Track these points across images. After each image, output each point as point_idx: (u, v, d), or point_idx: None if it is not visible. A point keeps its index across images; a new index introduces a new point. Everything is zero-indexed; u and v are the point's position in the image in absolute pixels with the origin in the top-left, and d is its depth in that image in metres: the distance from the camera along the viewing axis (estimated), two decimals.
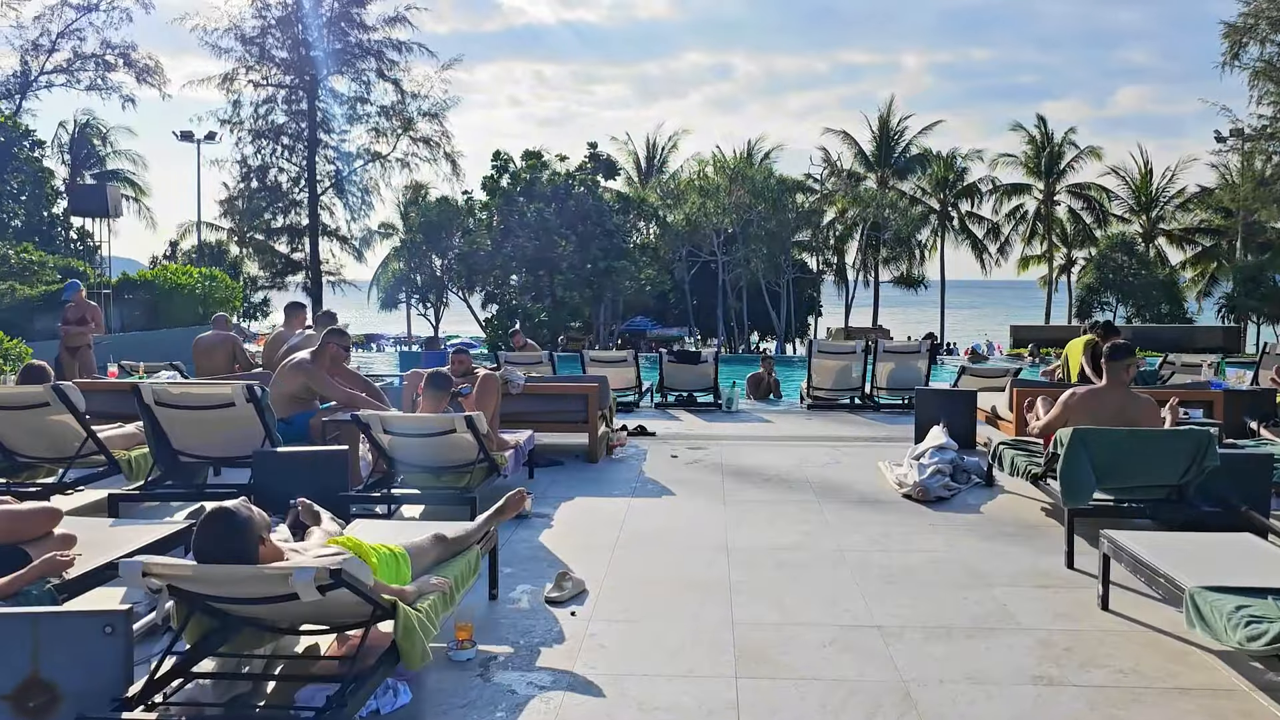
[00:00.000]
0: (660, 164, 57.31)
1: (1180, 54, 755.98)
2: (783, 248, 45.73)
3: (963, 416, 9.23)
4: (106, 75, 48.46)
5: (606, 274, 32.46)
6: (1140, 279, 43.23)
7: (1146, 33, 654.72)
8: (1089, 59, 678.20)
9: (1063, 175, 54.34)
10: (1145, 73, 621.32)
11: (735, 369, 23.36)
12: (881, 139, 54.55)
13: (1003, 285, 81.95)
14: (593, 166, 34.39)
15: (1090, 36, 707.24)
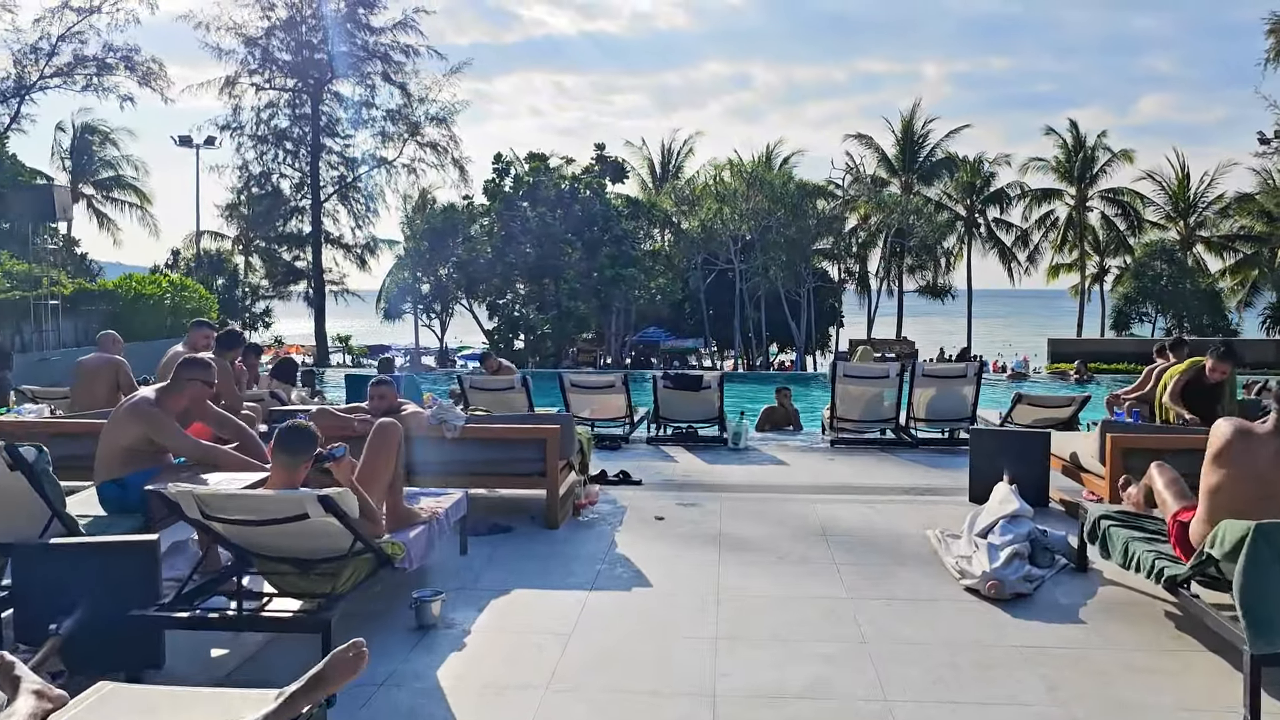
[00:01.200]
0: (675, 169, 55.37)
1: (1202, 61, 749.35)
2: (803, 255, 43.63)
3: (1033, 465, 7.19)
4: (103, 76, 47.22)
5: (614, 283, 30.48)
6: (1181, 288, 40.82)
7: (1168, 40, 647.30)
8: (1110, 66, 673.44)
9: (1095, 180, 52.06)
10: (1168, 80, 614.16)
11: (748, 391, 21.35)
12: (905, 143, 52.39)
13: (1028, 295, 79.54)
14: (600, 169, 32.43)
15: (1111, 43, 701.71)
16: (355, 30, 48.50)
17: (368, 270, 48.95)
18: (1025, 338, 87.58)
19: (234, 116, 47.50)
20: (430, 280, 39.00)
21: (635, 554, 5.96)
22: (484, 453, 6.66)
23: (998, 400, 15.80)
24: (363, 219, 49.03)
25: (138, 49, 47.04)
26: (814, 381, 25.62)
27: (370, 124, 49.06)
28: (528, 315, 30.67)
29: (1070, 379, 22.05)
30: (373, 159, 49.35)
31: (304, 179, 48.39)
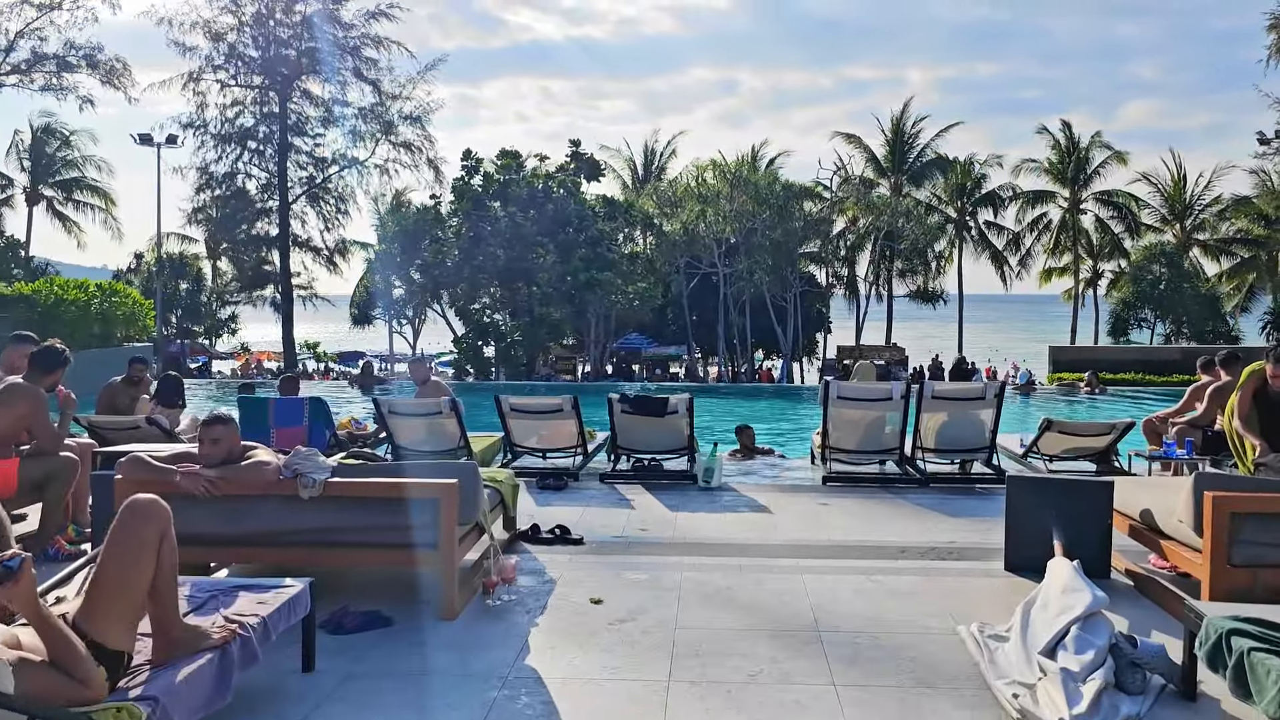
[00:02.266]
0: (658, 171, 53.68)
1: (1187, 67, 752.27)
2: (789, 259, 41.94)
3: (1091, 526, 5.48)
4: (62, 75, 45.30)
5: (589, 287, 28.66)
6: (1181, 293, 39.32)
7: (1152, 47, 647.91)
8: (1096, 73, 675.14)
9: (1089, 182, 50.62)
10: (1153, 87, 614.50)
11: (728, 407, 19.58)
12: (895, 143, 50.85)
13: (1016, 300, 78.20)
14: (575, 168, 30.61)
15: (1097, 50, 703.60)
16: (325, 25, 46.73)
17: (338, 274, 47.08)
18: (1017, 344, 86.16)
19: (198, 114, 45.60)
20: (403, 284, 37.17)
21: (551, 669, 4.21)
22: (355, 516, 4.89)
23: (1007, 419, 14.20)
24: (332, 221, 47.17)
25: (101, 47, 45.44)
26: (801, 397, 23.86)
27: (341, 122, 47.35)
28: (498, 322, 28.83)
29: (1080, 391, 20.35)
30: (343, 159, 47.55)
31: (270, 179, 46.47)
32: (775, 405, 21.38)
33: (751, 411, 20.52)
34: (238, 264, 47.37)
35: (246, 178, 46.77)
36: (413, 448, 9.03)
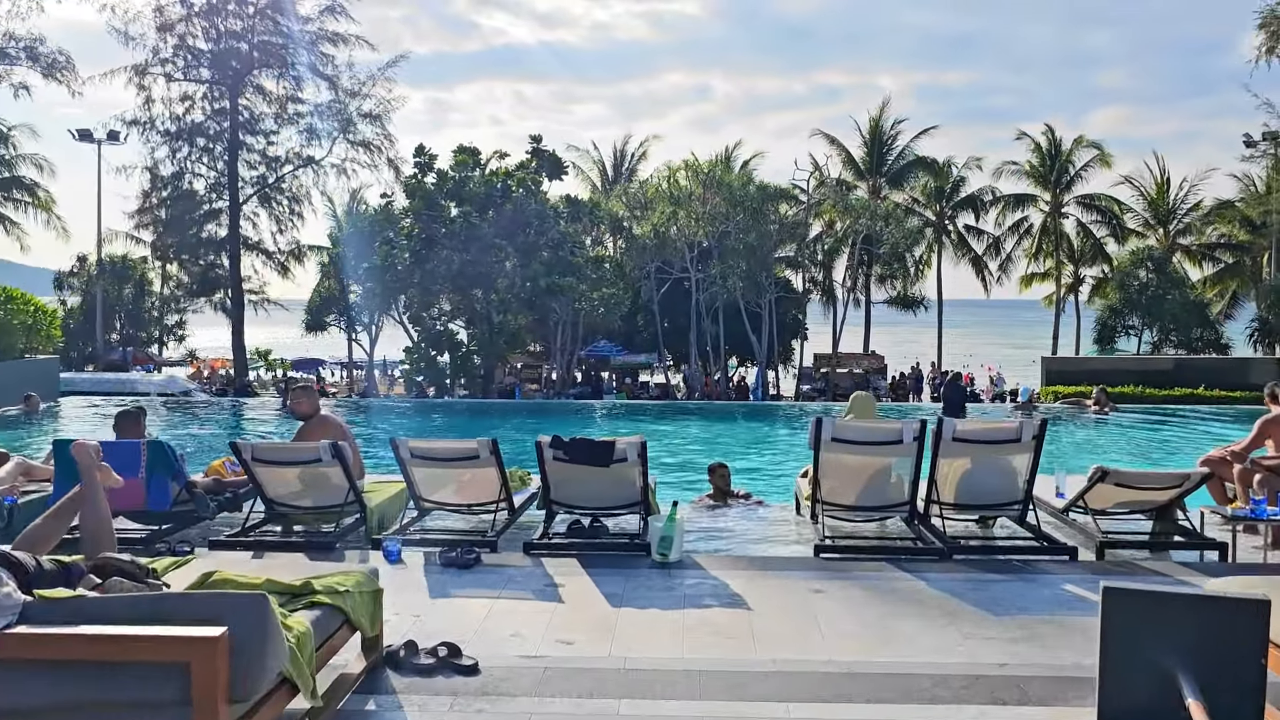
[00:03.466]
0: (629, 173, 51.82)
1: (1153, 75, 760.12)
2: (764, 263, 40.15)
3: (1233, 663, 3.60)
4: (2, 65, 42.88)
5: (550, 292, 26.66)
6: (1170, 299, 37.84)
7: (1121, 55, 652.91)
8: (1065, 80, 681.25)
9: (1070, 185, 49.24)
10: (1120, 94, 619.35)
11: (694, 430, 17.61)
12: (873, 144, 49.23)
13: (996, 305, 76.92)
14: (536, 165, 28.61)
15: (1066, 58, 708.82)
16: (280, 18, 44.52)
17: (291, 278, 44.79)
18: (995, 350, 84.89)
19: (144, 109, 43.22)
20: (358, 289, 35.04)
21: None
22: (46, 692, 2.92)
23: None
24: (286, 223, 44.97)
25: (43, 39, 43.10)
26: (778, 417, 21.96)
27: (296, 120, 45.11)
28: (453, 330, 26.77)
29: (1088, 410, 18.54)
30: (298, 158, 45.34)
31: (220, 179, 44.16)
32: (751, 428, 19.48)
33: (726, 433, 18.67)
34: (185, 268, 44.99)
35: (195, 177, 44.51)
36: (287, 502, 7.04)
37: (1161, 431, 17.16)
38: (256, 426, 20.90)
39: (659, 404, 22.93)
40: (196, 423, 20.10)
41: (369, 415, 22.23)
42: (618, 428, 19.61)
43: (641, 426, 19.18)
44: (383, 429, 19.12)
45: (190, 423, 20.05)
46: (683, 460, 14.02)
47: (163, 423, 19.60)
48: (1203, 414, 19.51)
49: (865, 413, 7.76)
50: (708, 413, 21.47)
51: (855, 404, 7.88)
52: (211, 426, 19.44)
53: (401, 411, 22.98)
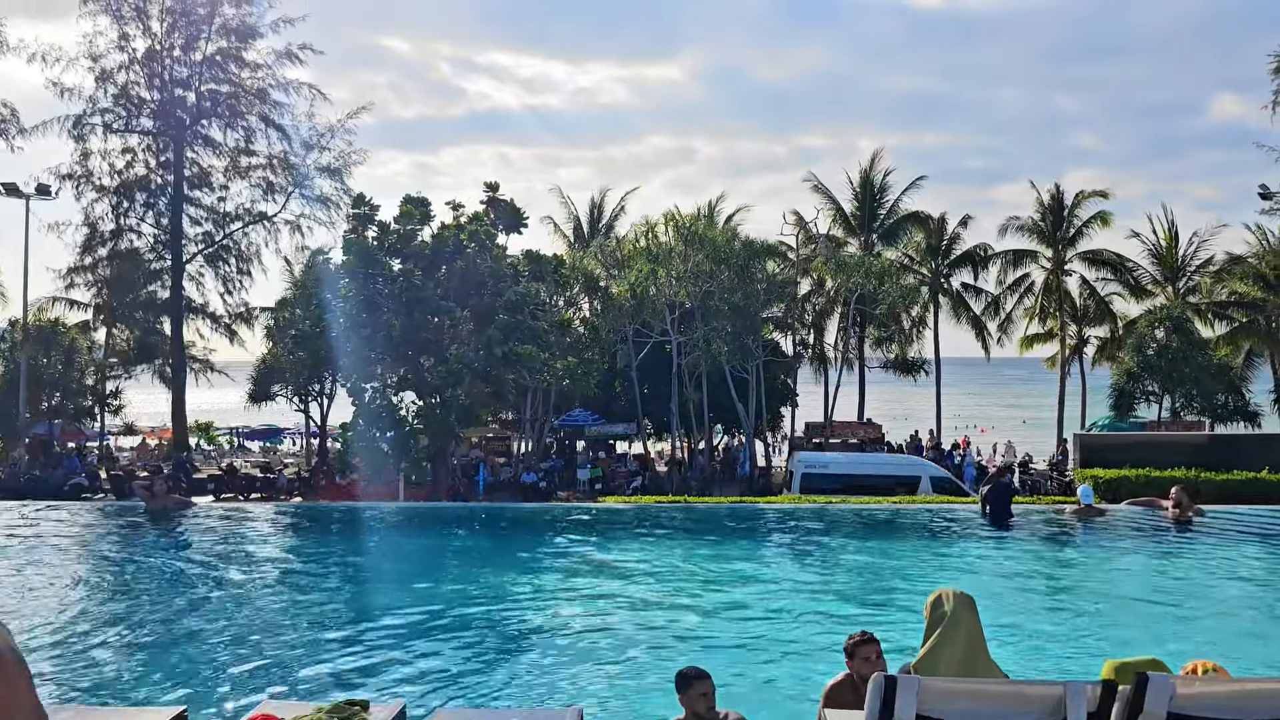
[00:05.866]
0: (605, 228, 48.78)
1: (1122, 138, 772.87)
2: (750, 325, 36.91)
3: None
4: None
5: (506, 362, 23.25)
6: (1192, 362, 34.71)
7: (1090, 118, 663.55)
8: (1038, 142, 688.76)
9: (1074, 241, 46.47)
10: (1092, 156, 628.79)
11: (668, 553, 13.95)
12: (864, 198, 46.44)
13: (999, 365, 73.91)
14: (493, 218, 25.35)
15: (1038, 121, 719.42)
16: (229, 65, 41.63)
17: (239, 344, 41.30)
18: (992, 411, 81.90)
19: (80, 163, 39.98)
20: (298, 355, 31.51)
21: None
22: None
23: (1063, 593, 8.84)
24: (234, 283, 41.63)
25: None
26: (766, 521, 18.35)
27: (247, 174, 42.02)
28: (394, 404, 23.31)
29: (1166, 514, 14.94)
30: (249, 214, 42.17)
31: (161, 237, 40.86)
32: (743, 546, 15.93)
33: (710, 551, 15.15)
34: (124, 332, 41.44)
35: (135, 235, 41.23)
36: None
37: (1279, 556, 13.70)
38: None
39: (610, 509, 19.29)
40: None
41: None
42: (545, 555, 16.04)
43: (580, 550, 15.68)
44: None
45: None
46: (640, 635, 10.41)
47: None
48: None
49: (965, 633, 4.32)
50: (690, 525, 17.87)
51: (952, 618, 4.41)
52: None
53: (277, 525, 19.30)
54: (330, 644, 10.28)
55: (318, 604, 12.49)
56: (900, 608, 10.85)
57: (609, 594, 12.22)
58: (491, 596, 12.36)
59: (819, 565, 14.12)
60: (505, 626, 10.80)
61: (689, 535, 16.92)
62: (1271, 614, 10.70)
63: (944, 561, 13.80)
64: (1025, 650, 9.05)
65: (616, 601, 11.73)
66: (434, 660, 9.56)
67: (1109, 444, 24.97)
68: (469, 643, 10.22)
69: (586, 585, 12.90)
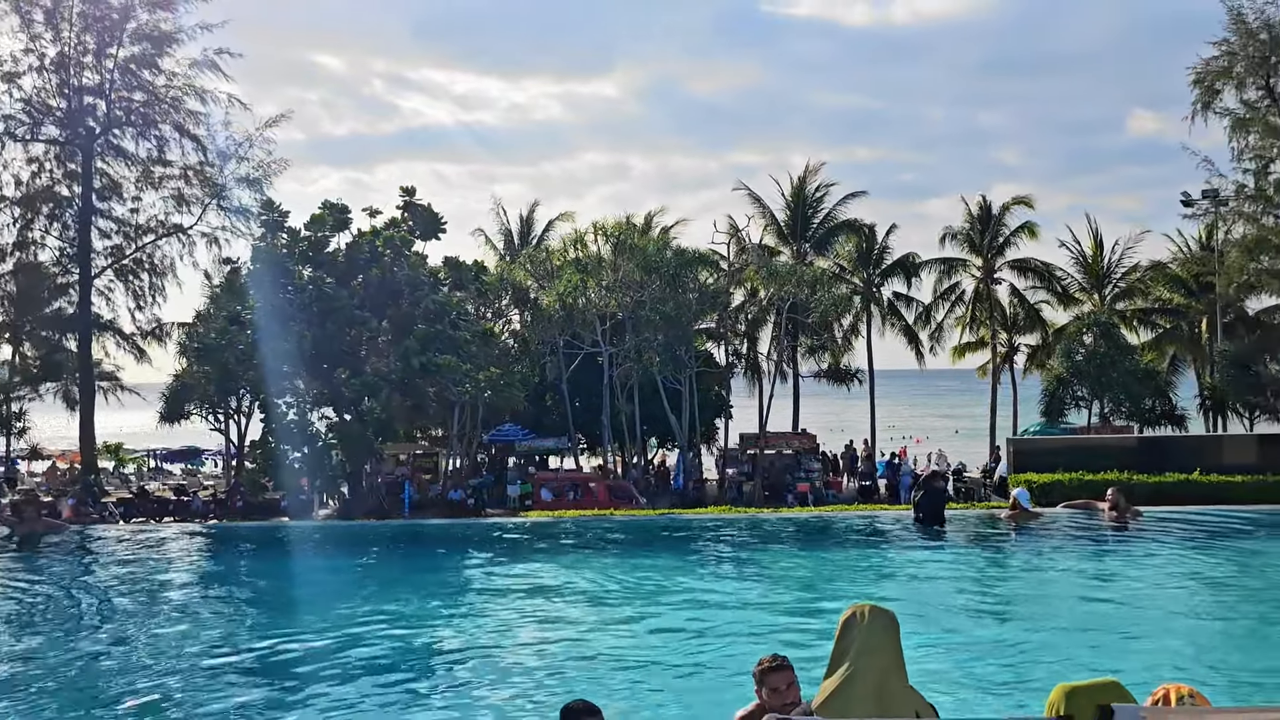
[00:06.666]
0: (536, 239, 47.91)
1: (1044, 154, 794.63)
2: (683, 336, 36.34)
3: None
4: None
5: (423, 373, 22.29)
6: (1120, 367, 34.97)
7: (1013, 134, 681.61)
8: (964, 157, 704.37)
9: (1003, 250, 46.78)
10: (1015, 171, 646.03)
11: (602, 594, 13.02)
12: (797, 208, 46.23)
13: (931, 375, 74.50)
14: (410, 224, 24.38)
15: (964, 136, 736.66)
16: (143, 71, 40.02)
17: (147, 362, 39.58)
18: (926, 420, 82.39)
19: None
20: None
21: None
22: None
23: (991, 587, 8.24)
24: (145, 299, 39.89)
25: None
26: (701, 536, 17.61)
27: (161, 184, 40.37)
28: (308, 419, 22.19)
29: (1103, 516, 14.56)
30: (163, 226, 40.51)
31: (69, 250, 39.06)
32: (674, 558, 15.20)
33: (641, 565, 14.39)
34: (29, 350, 39.51)
35: (41, 248, 39.38)
36: None
37: (1221, 556, 13.28)
38: None
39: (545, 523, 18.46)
40: None
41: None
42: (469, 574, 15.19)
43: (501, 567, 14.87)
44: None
45: None
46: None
47: None
48: (1250, 520, 15.61)
49: (879, 664, 3.59)
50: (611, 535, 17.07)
51: (863, 647, 3.67)
52: None
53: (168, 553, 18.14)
54: (226, 675, 9.34)
55: (212, 632, 11.48)
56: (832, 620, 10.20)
57: (530, 611, 11.41)
58: (402, 618, 11.47)
59: (752, 578, 13.47)
60: (418, 650, 9.95)
61: (620, 549, 16.17)
62: (1222, 617, 10.26)
63: (878, 570, 13.22)
64: (965, 664, 8.43)
65: (540, 619, 10.92)
66: (344, 689, 8.69)
67: (1041, 448, 24.76)
68: (375, 669, 9.35)
69: (507, 602, 12.07)
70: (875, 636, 3.63)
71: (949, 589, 11.79)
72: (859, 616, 3.69)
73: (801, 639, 9.10)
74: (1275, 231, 36.87)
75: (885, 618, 3.72)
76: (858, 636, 3.62)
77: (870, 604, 3.75)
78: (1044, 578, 12.38)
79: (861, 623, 3.67)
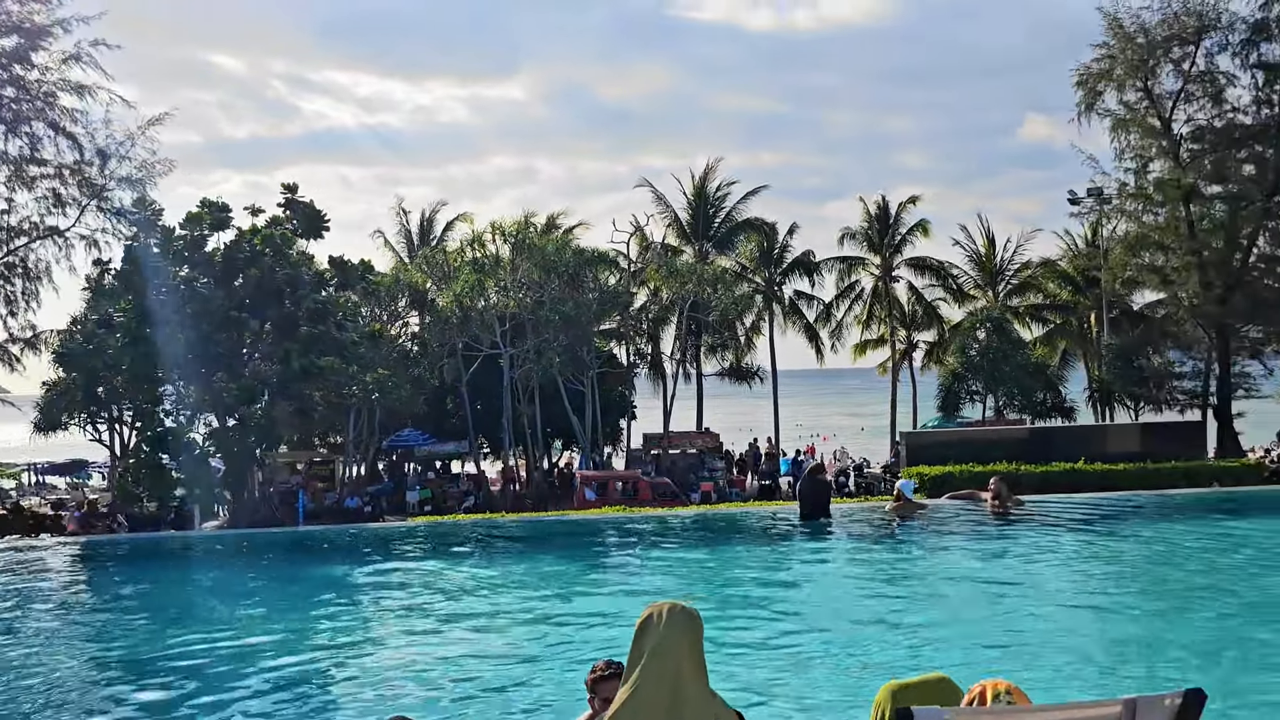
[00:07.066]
0: (436, 240, 47.01)
1: (946, 158, 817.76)
2: (584, 336, 35.99)
3: None
4: None
5: (306, 376, 21.49)
6: (1011, 362, 35.79)
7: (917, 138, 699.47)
8: (870, 161, 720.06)
9: (900, 248, 47.60)
10: (919, 175, 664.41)
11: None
12: (699, 206, 46.30)
13: (834, 374, 75.42)
14: (293, 221, 23.54)
15: (869, 142, 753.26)
16: (10, 64, 37.94)
17: (20, 372, 37.49)
18: (831, 419, 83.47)
19: None
20: None
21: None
22: None
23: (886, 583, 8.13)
24: (18, 305, 37.77)
25: None
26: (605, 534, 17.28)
27: (34, 185, 38.31)
28: (184, 427, 21.18)
29: (986, 506, 14.64)
30: (36, 229, 38.45)
31: None
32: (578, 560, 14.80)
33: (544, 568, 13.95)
34: None
35: None
36: None
37: (1100, 540, 13.42)
38: None
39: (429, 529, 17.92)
40: None
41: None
42: None
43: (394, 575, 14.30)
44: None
45: None
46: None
47: None
48: (1133, 505, 15.95)
49: (673, 669, 3.25)
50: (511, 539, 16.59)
51: (658, 651, 3.29)
52: None
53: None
54: (83, 698, 8.65)
55: (63, 654, 10.70)
56: (730, 616, 9.93)
57: (426, 621, 10.89)
58: (279, 632, 10.85)
59: (652, 574, 13.17)
60: (299, 663, 9.35)
61: (519, 553, 15.71)
62: (1087, 600, 10.31)
63: (765, 564, 13.03)
64: (836, 660, 8.24)
65: (433, 627, 10.42)
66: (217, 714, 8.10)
67: (934, 442, 25.10)
68: (254, 687, 8.75)
69: (401, 611, 11.51)
70: (671, 637, 3.31)
71: (828, 582, 11.67)
72: (656, 617, 3.37)
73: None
74: (1155, 228, 38.15)
75: (684, 616, 3.39)
76: (653, 638, 3.29)
77: (671, 602, 3.43)
78: (923, 568, 12.36)
79: (659, 624, 3.34)
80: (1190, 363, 39.25)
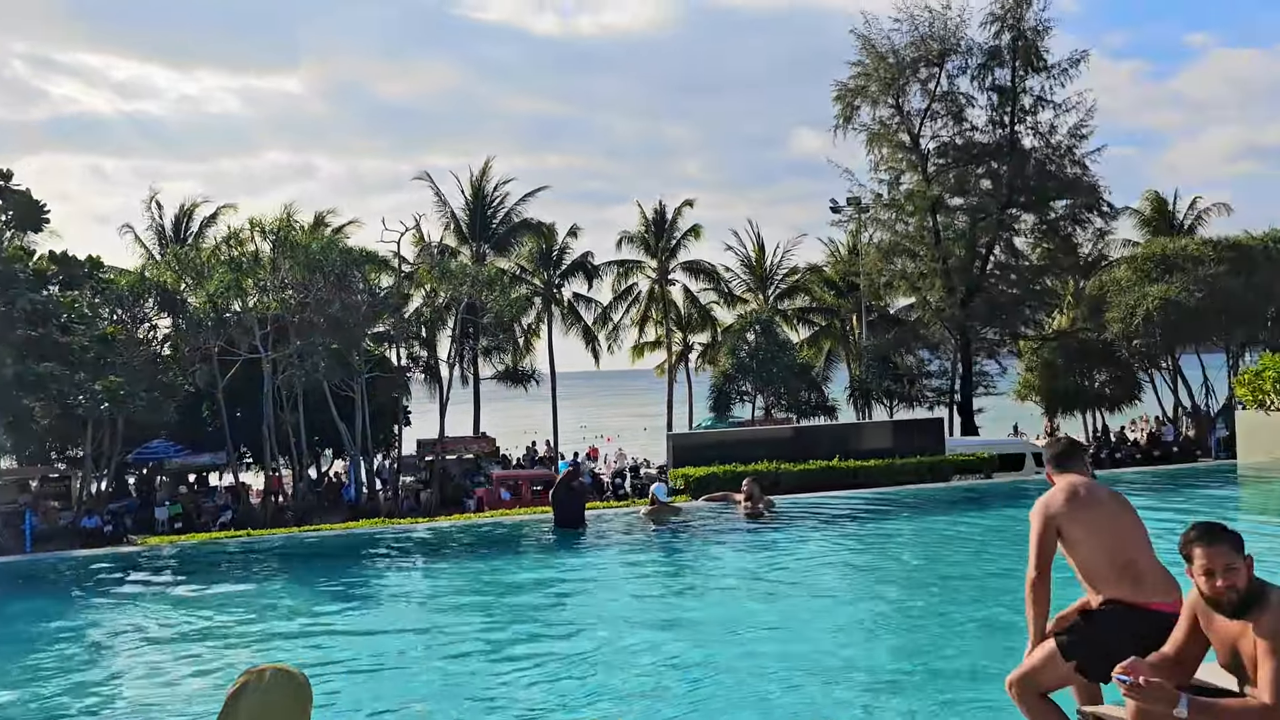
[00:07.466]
0: (194, 236, 43.95)
1: (724, 166, 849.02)
2: (352, 339, 34.47)
3: None
4: None
5: (21, 384, 19.35)
6: (779, 363, 37.20)
7: (694, 146, 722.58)
8: (652, 168, 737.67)
9: (675, 252, 48.60)
10: (698, 182, 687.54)
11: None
12: (475, 207, 45.51)
13: (613, 376, 76.17)
14: (9, 215, 21.09)
15: (651, 148, 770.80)
16: None
17: None
18: (615, 421, 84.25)
19: None
20: None
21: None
22: None
23: None
24: None
25: None
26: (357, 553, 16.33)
27: None
28: None
29: (740, 509, 14.81)
30: None
31: None
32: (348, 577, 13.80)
33: (311, 588, 12.89)
34: None
35: None
36: None
37: (847, 545, 13.80)
38: None
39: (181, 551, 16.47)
40: None
41: None
42: None
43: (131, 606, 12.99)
44: None
45: None
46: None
47: None
48: (890, 502, 16.64)
49: None
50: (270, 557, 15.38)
51: (255, 704, 2.81)
52: None
53: None
54: None
55: None
56: (441, 638, 9.47)
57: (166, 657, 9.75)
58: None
59: (424, 591, 12.50)
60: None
61: (280, 572, 14.53)
62: (810, 595, 10.60)
63: (486, 580, 12.61)
64: (564, 671, 7.99)
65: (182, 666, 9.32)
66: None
67: (699, 443, 25.54)
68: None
69: (135, 648, 10.26)
70: (271, 710, 2.78)
71: (570, 591, 11.47)
72: (253, 683, 2.83)
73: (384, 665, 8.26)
74: (906, 237, 40.74)
75: (289, 685, 2.86)
76: (247, 709, 2.76)
77: (275, 666, 2.90)
78: (669, 573, 12.39)
79: (255, 693, 2.80)
80: (937, 362, 42.20)
